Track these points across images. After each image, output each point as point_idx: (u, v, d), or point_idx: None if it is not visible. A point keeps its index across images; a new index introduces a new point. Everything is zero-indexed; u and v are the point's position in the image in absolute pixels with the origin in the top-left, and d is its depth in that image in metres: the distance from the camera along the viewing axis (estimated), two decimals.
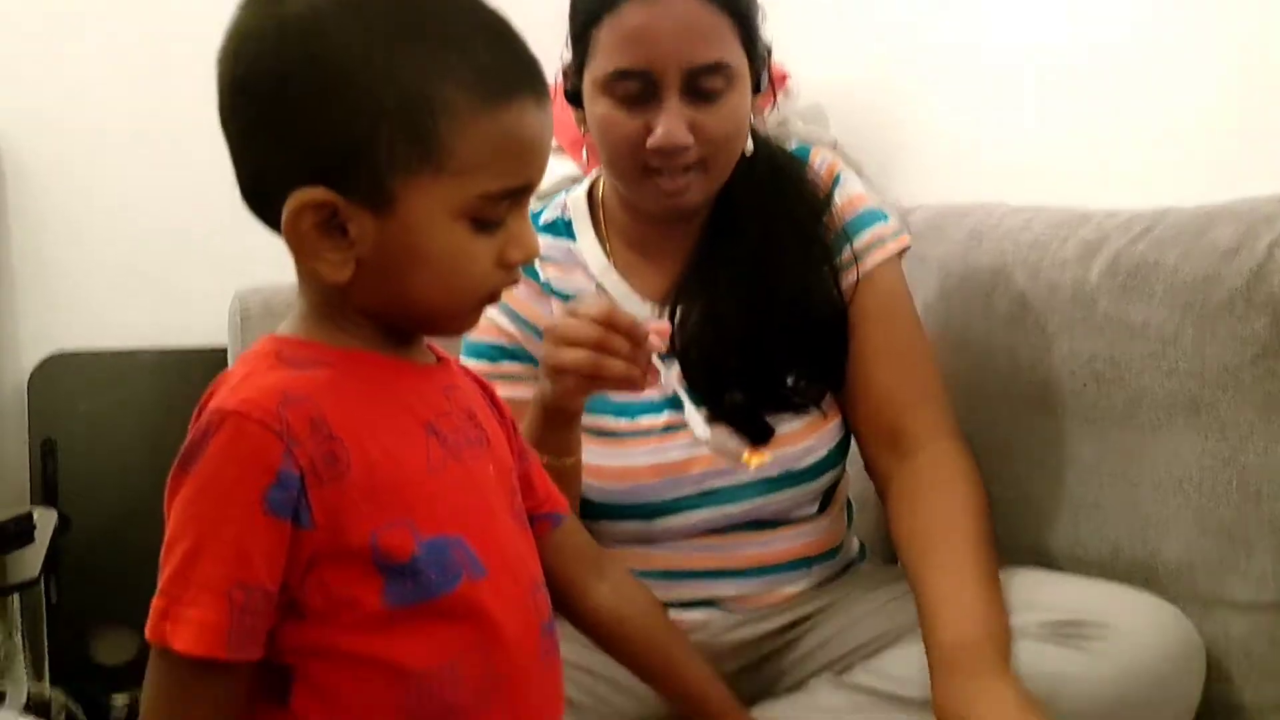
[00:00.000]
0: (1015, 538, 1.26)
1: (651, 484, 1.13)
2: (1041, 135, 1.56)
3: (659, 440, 1.15)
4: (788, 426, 1.16)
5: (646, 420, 1.15)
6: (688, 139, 1.06)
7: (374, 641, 0.66)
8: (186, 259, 2.06)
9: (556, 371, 0.98)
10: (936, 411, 1.17)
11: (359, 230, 0.67)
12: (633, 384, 0.97)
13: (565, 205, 1.24)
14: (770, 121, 1.79)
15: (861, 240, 1.19)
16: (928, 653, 1.00)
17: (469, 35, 0.68)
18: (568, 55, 1.13)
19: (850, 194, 1.20)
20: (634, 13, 1.04)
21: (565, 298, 1.19)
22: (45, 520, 1.58)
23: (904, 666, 1.05)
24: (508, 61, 0.69)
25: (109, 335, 2.03)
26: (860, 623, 1.15)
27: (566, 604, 0.86)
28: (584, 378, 0.97)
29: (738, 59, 1.08)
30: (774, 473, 1.15)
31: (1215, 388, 1.08)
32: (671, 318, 1.16)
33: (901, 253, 1.21)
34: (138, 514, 1.95)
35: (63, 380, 2.00)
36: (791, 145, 1.26)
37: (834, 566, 1.23)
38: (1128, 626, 0.99)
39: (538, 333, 1.16)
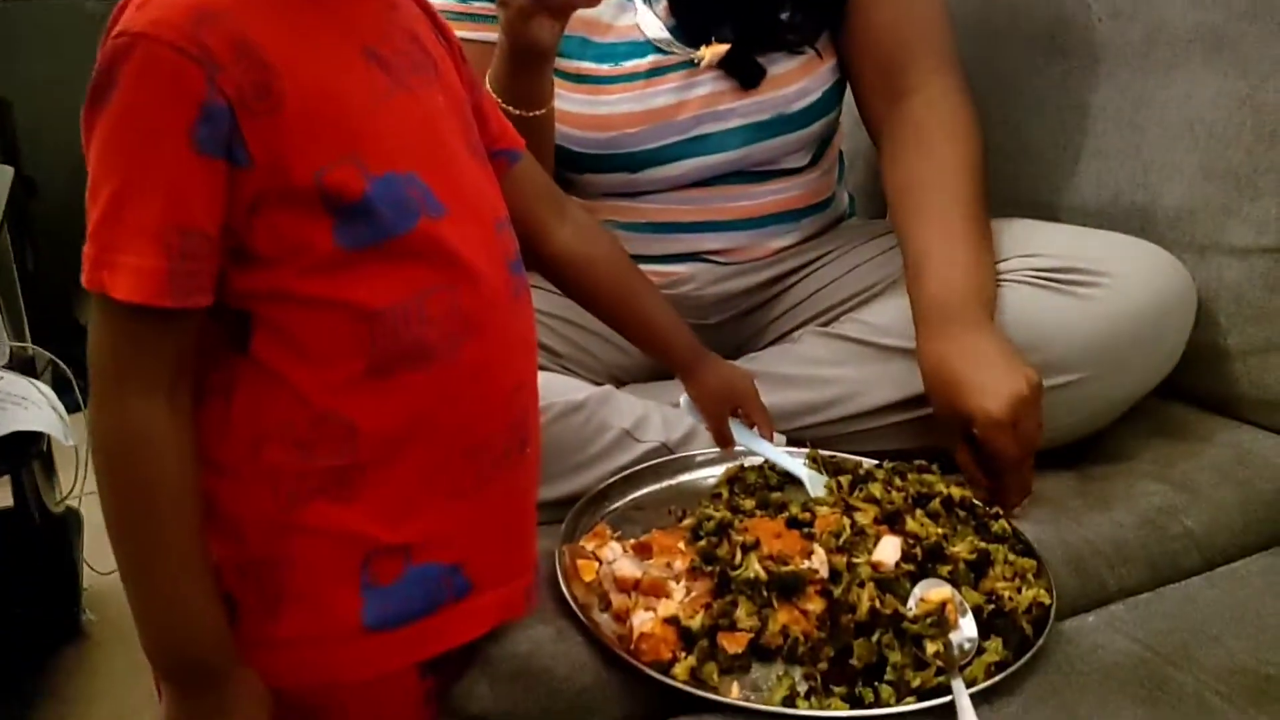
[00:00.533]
0: (1013, 187, 1.22)
1: (636, 132, 1.07)
2: None
3: (644, 86, 1.08)
4: (781, 67, 1.08)
5: (630, 64, 1.08)
6: None
7: (331, 283, 0.63)
8: None
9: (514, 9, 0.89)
10: (938, 48, 1.09)
11: None
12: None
13: None
14: None
15: None
16: (913, 305, 0.98)
17: None
18: None
19: None
20: None
21: None
22: (2, 176, 1.52)
23: (888, 316, 1.04)
24: None
25: None
26: (847, 276, 1.12)
27: (527, 247, 0.83)
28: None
29: None
30: (765, 115, 1.09)
31: (1242, 19, 1.00)
32: None
33: None
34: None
35: (15, 36, 1.88)
36: None
37: (823, 220, 1.19)
38: (1122, 272, 0.97)
39: None
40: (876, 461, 0.96)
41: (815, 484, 0.93)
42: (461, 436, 0.68)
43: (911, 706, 0.73)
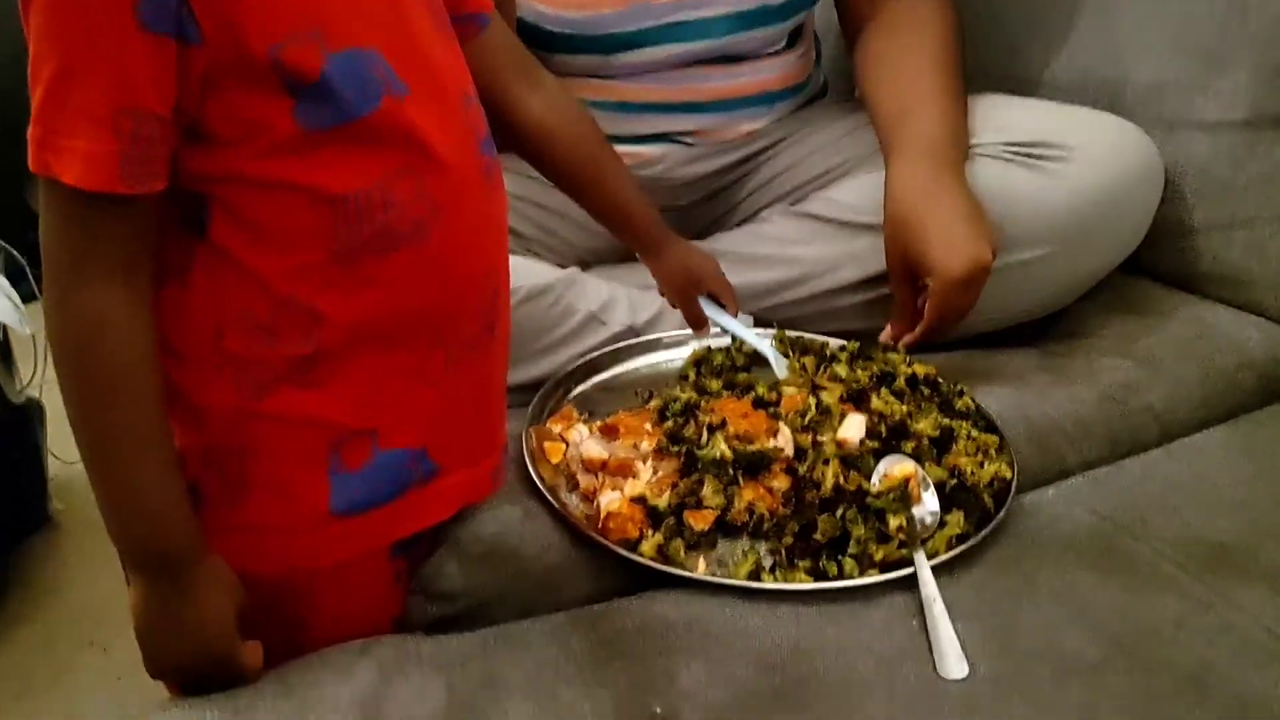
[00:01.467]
0: (984, 63, 1.19)
1: (614, 14, 1.03)
2: None
3: None
4: None
5: None
6: None
7: (291, 166, 0.60)
8: None
9: None
10: None
11: None
12: None
13: None
14: None
15: None
16: (887, 151, 0.96)
17: None
18: None
19: None
20: None
21: None
22: None
23: (856, 194, 1.03)
24: None
25: None
26: (815, 154, 1.11)
27: (495, 115, 0.80)
28: None
29: None
30: (749, 6, 1.05)
31: None
32: None
33: None
34: None
35: None
36: None
37: (797, 101, 1.17)
38: (1089, 147, 0.96)
39: None
40: (842, 342, 0.96)
41: (780, 366, 0.93)
42: (429, 323, 0.67)
43: (874, 579, 0.74)
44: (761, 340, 0.96)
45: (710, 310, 0.95)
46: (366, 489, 0.68)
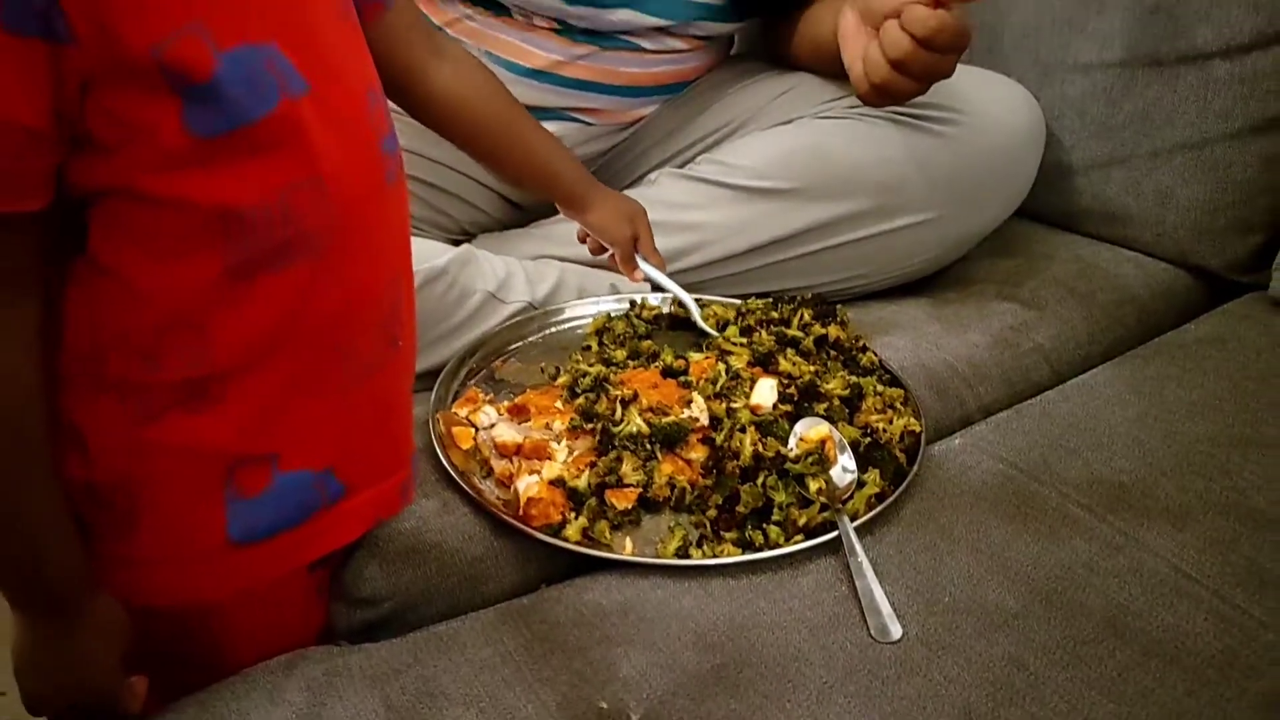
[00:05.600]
0: None
1: None
2: None
3: None
4: None
5: None
6: None
7: (179, 176, 0.55)
8: None
9: None
10: None
11: None
12: None
13: None
14: None
15: None
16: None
17: None
18: None
19: None
20: None
21: None
22: None
23: (747, 157, 1.02)
24: None
25: None
26: (703, 114, 1.09)
27: (404, 91, 0.77)
28: None
29: None
30: (718, 1, 1.03)
31: None
32: None
33: None
34: None
35: None
36: None
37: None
38: (977, 110, 0.97)
39: None
40: (738, 302, 0.96)
41: (701, 319, 0.94)
42: (329, 338, 0.63)
43: (801, 545, 0.74)
44: (683, 292, 0.95)
45: (639, 260, 0.95)
46: (269, 514, 0.64)
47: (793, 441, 0.81)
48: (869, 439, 0.82)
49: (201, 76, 0.54)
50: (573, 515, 0.76)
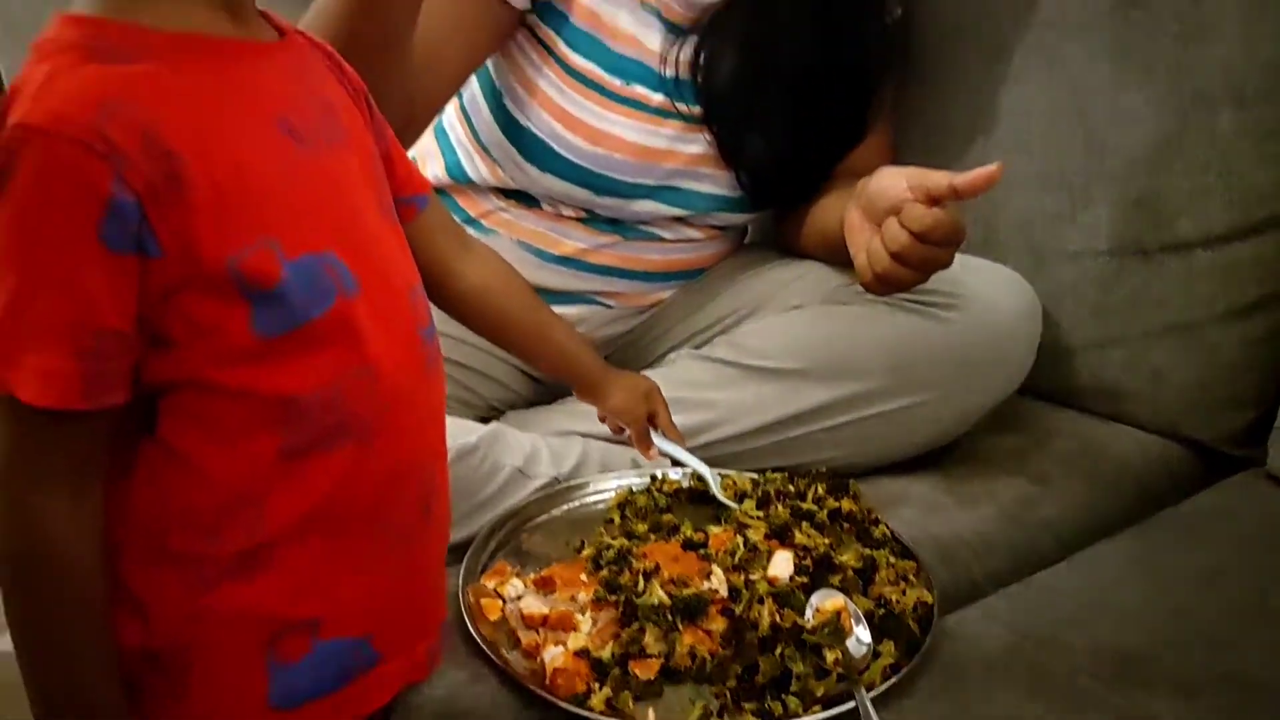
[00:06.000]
0: None
1: (623, 161, 1.07)
2: None
3: (649, 120, 1.08)
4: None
5: (641, 90, 1.07)
6: None
7: (244, 370, 0.60)
8: None
9: None
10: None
11: None
12: None
13: None
14: None
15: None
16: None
17: None
18: None
19: None
20: None
21: None
22: None
23: (760, 338, 1.08)
24: None
25: None
26: (717, 298, 1.16)
27: (433, 285, 0.82)
28: None
29: None
30: (736, 193, 1.12)
31: (1073, 39, 1.08)
32: (715, 14, 1.07)
33: None
34: None
35: None
36: None
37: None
38: (975, 294, 1.04)
39: None
40: (756, 475, 1.00)
41: (719, 490, 0.97)
42: (371, 511, 0.67)
43: (819, 716, 0.76)
44: (705, 466, 0.99)
45: (655, 438, 0.99)
46: (307, 681, 0.67)
47: (809, 613, 0.84)
48: (883, 610, 0.85)
49: (270, 284, 0.59)
50: (597, 685, 0.78)
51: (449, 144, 1.16)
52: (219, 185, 0.58)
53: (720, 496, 0.98)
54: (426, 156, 1.17)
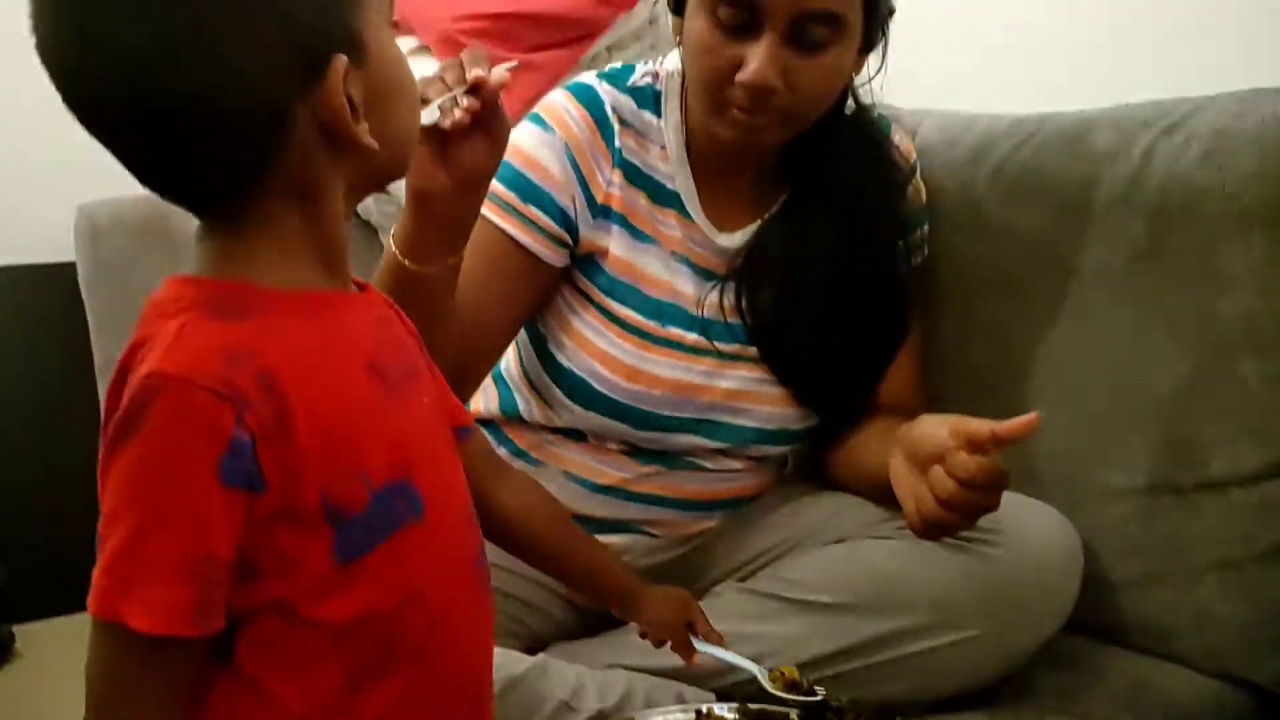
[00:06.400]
0: None
1: (661, 396, 1.12)
2: (928, 40, 1.57)
3: (685, 358, 1.13)
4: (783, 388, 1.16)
5: (676, 331, 1.13)
6: (777, 83, 1.00)
7: (321, 600, 0.64)
8: (22, 170, 1.91)
9: None
10: (914, 401, 1.20)
11: (357, 88, 0.65)
12: (476, 85, 0.89)
13: (658, 74, 1.16)
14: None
15: (920, 234, 1.21)
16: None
17: None
18: None
19: (919, 184, 1.22)
20: None
21: (635, 171, 1.13)
22: None
23: (804, 571, 1.10)
24: None
25: None
26: (761, 531, 1.18)
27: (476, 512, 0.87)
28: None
29: (854, 14, 1.01)
30: (773, 425, 1.16)
31: (1093, 289, 1.13)
32: (744, 253, 1.15)
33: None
34: None
35: None
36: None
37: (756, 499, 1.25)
38: (1016, 532, 1.05)
39: (588, 194, 1.11)
40: (799, 710, 1.00)
41: (768, 683, 0.96)
42: None
43: None
44: (749, 662, 0.98)
45: (696, 643, 0.98)
46: None
47: None
48: None
49: (356, 512, 0.64)
50: None
51: (502, 381, 1.22)
52: (320, 424, 0.63)
53: (770, 688, 0.96)
54: (480, 391, 1.23)
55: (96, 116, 0.63)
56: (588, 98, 1.12)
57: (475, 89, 0.88)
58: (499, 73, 0.89)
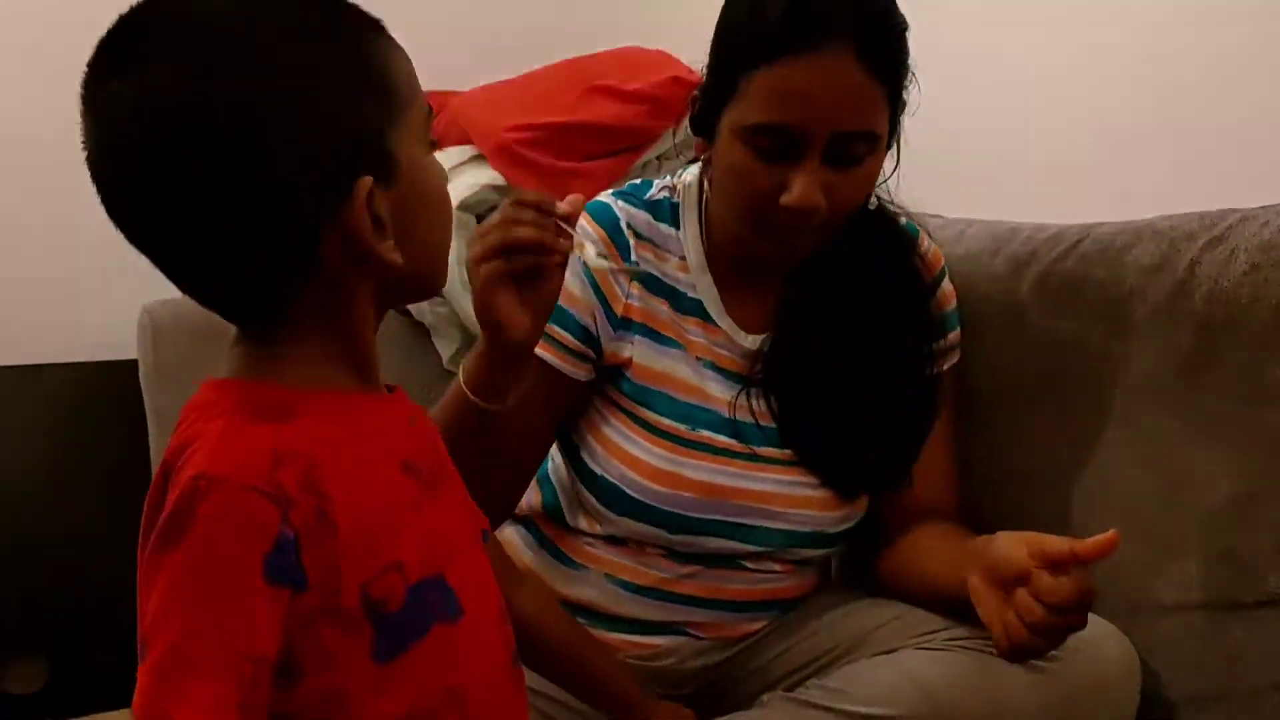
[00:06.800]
0: None
1: (695, 499, 1.12)
2: (969, 149, 1.60)
3: (716, 460, 1.14)
4: (824, 491, 1.17)
5: (707, 434, 1.14)
6: (821, 203, 1.03)
7: (357, 700, 0.65)
8: (89, 270, 1.97)
9: (474, 262, 0.93)
10: (950, 504, 1.22)
11: (386, 206, 0.68)
12: (543, 246, 0.91)
13: (677, 189, 1.20)
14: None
15: (949, 339, 1.23)
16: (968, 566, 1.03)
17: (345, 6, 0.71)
18: (703, 77, 1.10)
19: (948, 288, 1.23)
20: (794, 72, 1.00)
21: (654, 280, 1.16)
22: None
23: (853, 682, 1.08)
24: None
25: (9, 352, 1.94)
26: (809, 638, 1.17)
27: None
28: (499, 261, 0.91)
29: (883, 127, 1.05)
30: (806, 528, 1.16)
31: (1141, 400, 1.12)
32: (768, 353, 1.17)
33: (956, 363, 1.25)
34: (46, 537, 1.89)
35: None
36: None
37: (803, 606, 1.25)
38: (1072, 645, 1.02)
39: (608, 309, 1.14)
40: None
41: None
42: None
43: None
44: None
45: None
46: None
47: None
48: None
49: (393, 608, 0.65)
50: None
51: (547, 481, 1.23)
52: (358, 520, 0.65)
53: None
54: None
55: (136, 230, 0.67)
56: (603, 216, 1.16)
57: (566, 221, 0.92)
58: (576, 204, 0.94)
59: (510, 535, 1.23)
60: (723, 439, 1.14)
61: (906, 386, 1.17)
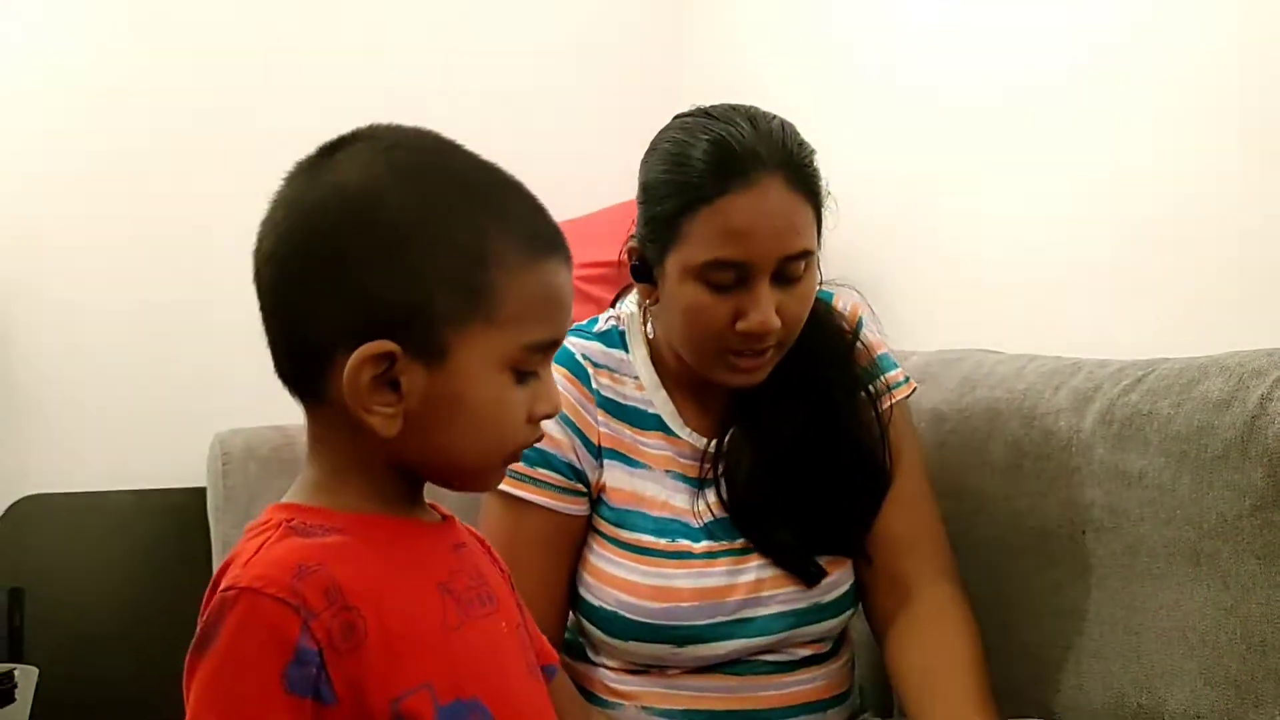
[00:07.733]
0: (1016, 688, 1.25)
1: (691, 607, 1.15)
2: (1026, 285, 1.61)
3: (700, 564, 1.17)
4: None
5: (685, 542, 1.17)
6: (777, 322, 1.10)
7: None
8: (163, 399, 2.04)
9: None
10: (937, 554, 1.22)
11: (410, 383, 0.70)
12: None
13: (620, 317, 1.28)
14: None
15: (888, 377, 1.26)
16: None
17: (512, 200, 0.74)
18: (636, 231, 1.18)
19: (871, 339, 1.28)
20: (735, 209, 1.07)
21: (615, 405, 1.21)
22: (27, 678, 1.52)
23: None
24: (546, 223, 0.76)
25: (83, 477, 2.00)
26: None
27: None
28: None
29: (815, 243, 1.13)
30: (803, 604, 1.18)
31: (1214, 537, 1.09)
32: (718, 451, 1.21)
33: (907, 398, 1.28)
34: (111, 663, 1.90)
35: (34, 524, 1.95)
36: None
37: (843, 712, 1.24)
38: None
39: (585, 441, 1.19)
40: None
41: None
42: None
43: None
44: None
45: None
46: None
47: None
48: None
49: None
50: None
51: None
52: (388, 635, 0.66)
53: None
54: None
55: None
56: (561, 355, 1.20)
57: None
58: None
59: None
60: (700, 544, 1.17)
61: (852, 448, 1.20)
